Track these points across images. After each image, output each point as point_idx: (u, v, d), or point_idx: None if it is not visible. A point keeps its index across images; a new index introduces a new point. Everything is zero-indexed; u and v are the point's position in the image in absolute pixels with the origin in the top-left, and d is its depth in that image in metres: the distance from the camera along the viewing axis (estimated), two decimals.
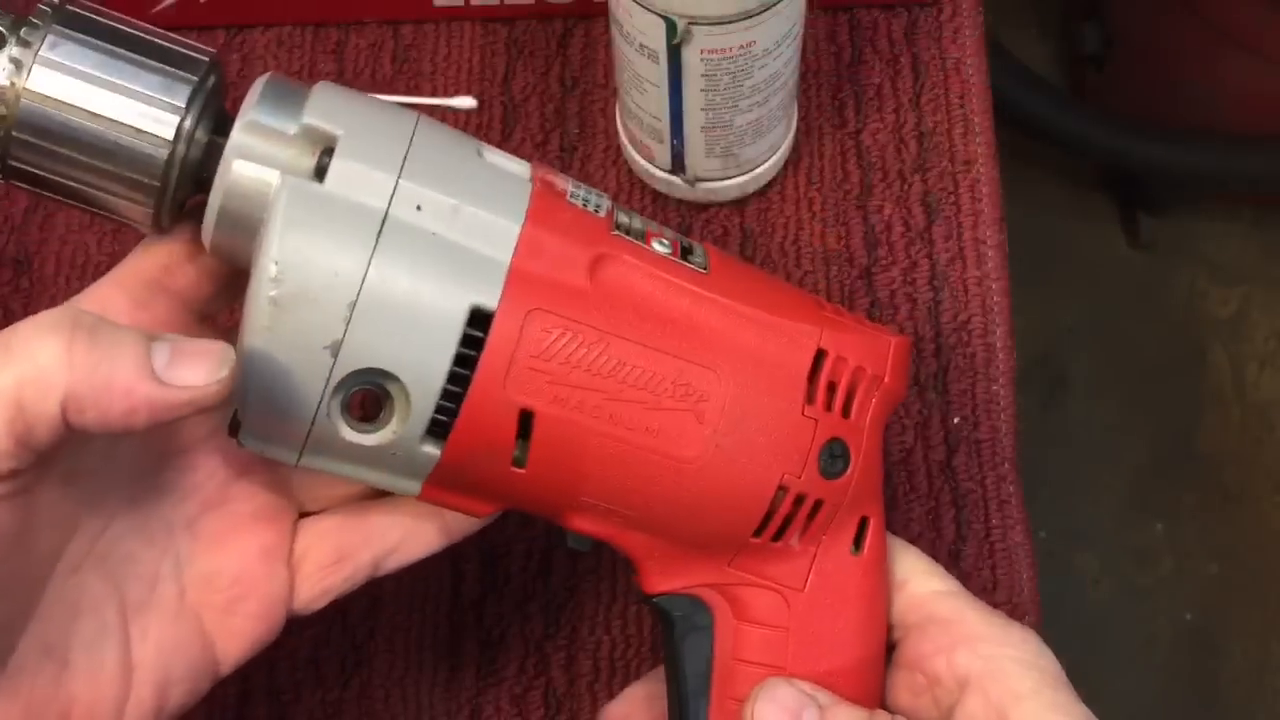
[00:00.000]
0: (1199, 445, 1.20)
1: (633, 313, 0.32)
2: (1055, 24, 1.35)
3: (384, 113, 0.32)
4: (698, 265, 0.34)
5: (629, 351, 0.32)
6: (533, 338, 0.31)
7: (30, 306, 0.49)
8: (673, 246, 0.34)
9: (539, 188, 0.33)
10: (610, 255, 0.32)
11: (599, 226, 0.33)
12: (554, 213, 0.32)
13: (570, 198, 0.33)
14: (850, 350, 0.34)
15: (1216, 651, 1.13)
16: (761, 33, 0.42)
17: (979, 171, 0.50)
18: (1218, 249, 1.28)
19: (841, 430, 0.34)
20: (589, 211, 0.33)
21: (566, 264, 0.32)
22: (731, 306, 0.33)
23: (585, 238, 0.32)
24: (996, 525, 0.45)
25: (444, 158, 0.32)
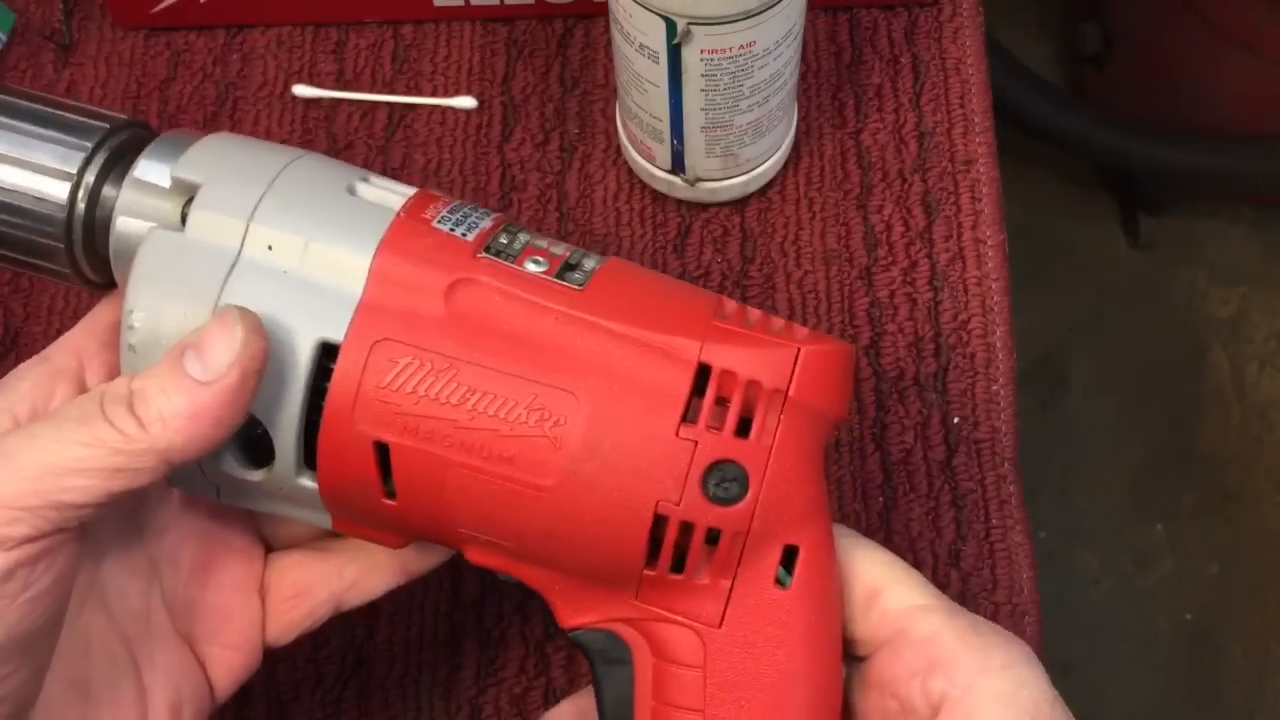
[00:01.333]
0: (1199, 445, 1.20)
1: (488, 337, 0.31)
2: (1055, 24, 1.35)
3: (257, 159, 0.33)
4: (574, 283, 0.32)
5: (480, 378, 0.30)
6: (378, 369, 0.30)
7: (30, 306, 0.49)
8: (550, 264, 0.32)
9: (402, 216, 0.32)
10: (468, 279, 0.31)
11: (462, 250, 0.32)
12: (411, 240, 0.32)
13: (438, 222, 0.32)
14: (741, 363, 0.31)
15: (1217, 651, 1.13)
16: (761, 33, 0.42)
17: (979, 171, 0.50)
18: (1218, 249, 1.28)
19: (733, 452, 0.30)
20: (454, 235, 0.32)
21: (419, 291, 0.31)
22: (600, 324, 0.31)
23: (443, 262, 0.31)
24: (996, 525, 0.45)
25: (304, 197, 0.32)
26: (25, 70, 0.53)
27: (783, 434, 0.31)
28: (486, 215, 0.34)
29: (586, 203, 0.50)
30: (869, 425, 0.46)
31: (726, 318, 0.32)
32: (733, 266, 0.49)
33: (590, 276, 0.32)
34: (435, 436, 0.30)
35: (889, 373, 0.47)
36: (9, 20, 0.54)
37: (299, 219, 0.31)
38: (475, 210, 0.34)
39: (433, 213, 0.33)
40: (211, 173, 0.32)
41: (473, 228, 0.33)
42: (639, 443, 0.30)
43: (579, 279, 0.32)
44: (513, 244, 0.33)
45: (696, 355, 0.31)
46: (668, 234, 0.50)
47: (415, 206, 0.33)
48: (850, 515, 0.45)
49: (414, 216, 0.32)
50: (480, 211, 0.34)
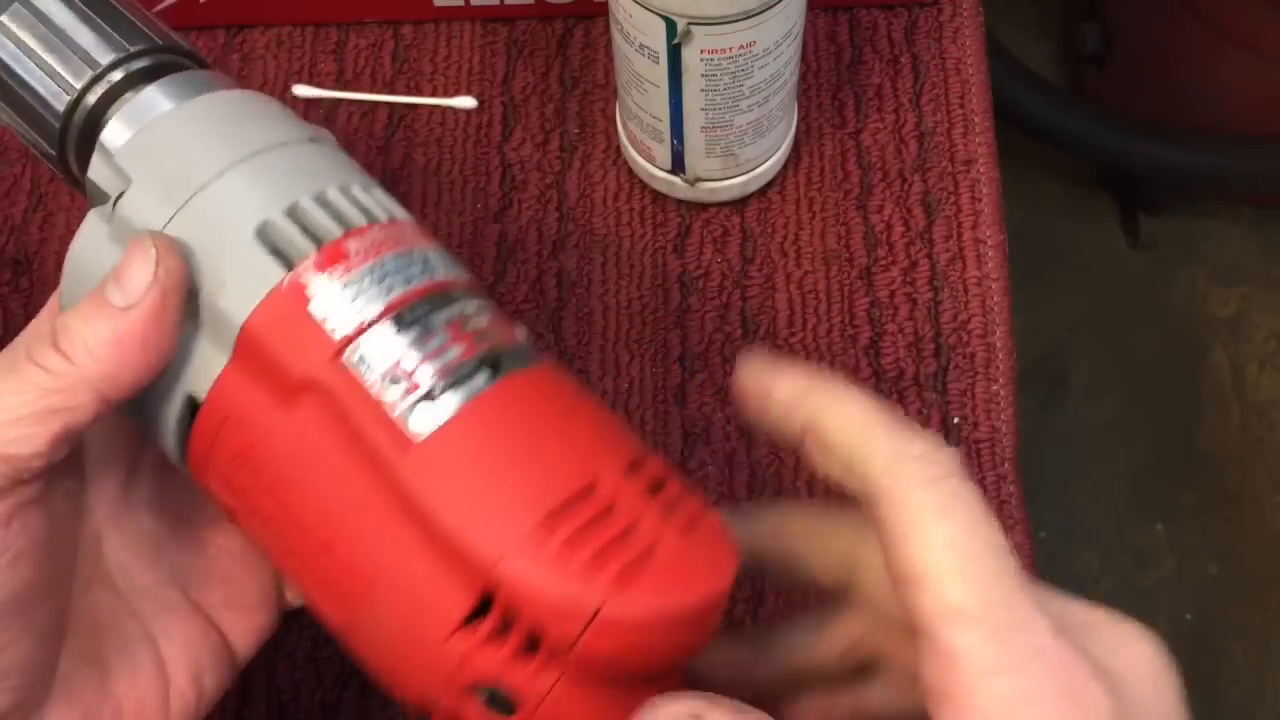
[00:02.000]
0: (1199, 445, 1.20)
1: (303, 465, 0.28)
2: (1055, 24, 1.35)
3: (197, 158, 0.30)
4: (416, 429, 0.27)
5: (290, 499, 0.29)
6: (221, 445, 0.29)
7: (29, 306, 0.49)
8: (411, 387, 0.28)
9: (280, 289, 0.29)
10: (318, 389, 0.28)
11: (326, 347, 0.28)
12: (280, 320, 0.28)
13: (318, 302, 0.28)
14: (532, 602, 0.26)
15: (1216, 651, 1.13)
16: (761, 33, 0.42)
17: (979, 171, 0.50)
18: (1218, 249, 1.28)
19: (501, 679, 0.26)
20: (324, 327, 0.28)
21: (272, 379, 0.28)
22: (412, 503, 0.27)
23: (301, 356, 0.28)
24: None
25: (219, 223, 0.30)
26: None
27: (570, 681, 0.26)
28: (388, 293, 0.29)
29: (586, 203, 0.50)
30: None
31: (557, 529, 0.26)
32: (733, 266, 0.49)
33: (445, 420, 0.27)
34: (255, 518, 0.30)
35: (889, 373, 0.47)
36: None
37: (197, 259, 0.29)
38: (386, 279, 0.29)
39: (320, 285, 0.28)
40: (143, 169, 0.30)
41: (352, 317, 0.28)
42: (406, 641, 0.27)
43: (425, 422, 0.27)
44: (389, 347, 0.28)
45: (487, 578, 0.26)
46: (668, 234, 0.50)
47: (303, 273, 0.29)
48: None
49: (295, 286, 0.28)
50: (389, 283, 0.29)
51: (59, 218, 0.51)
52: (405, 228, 0.31)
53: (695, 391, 0.47)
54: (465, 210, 0.50)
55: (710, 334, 0.48)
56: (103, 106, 0.32)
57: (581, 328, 0.48)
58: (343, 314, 0.28)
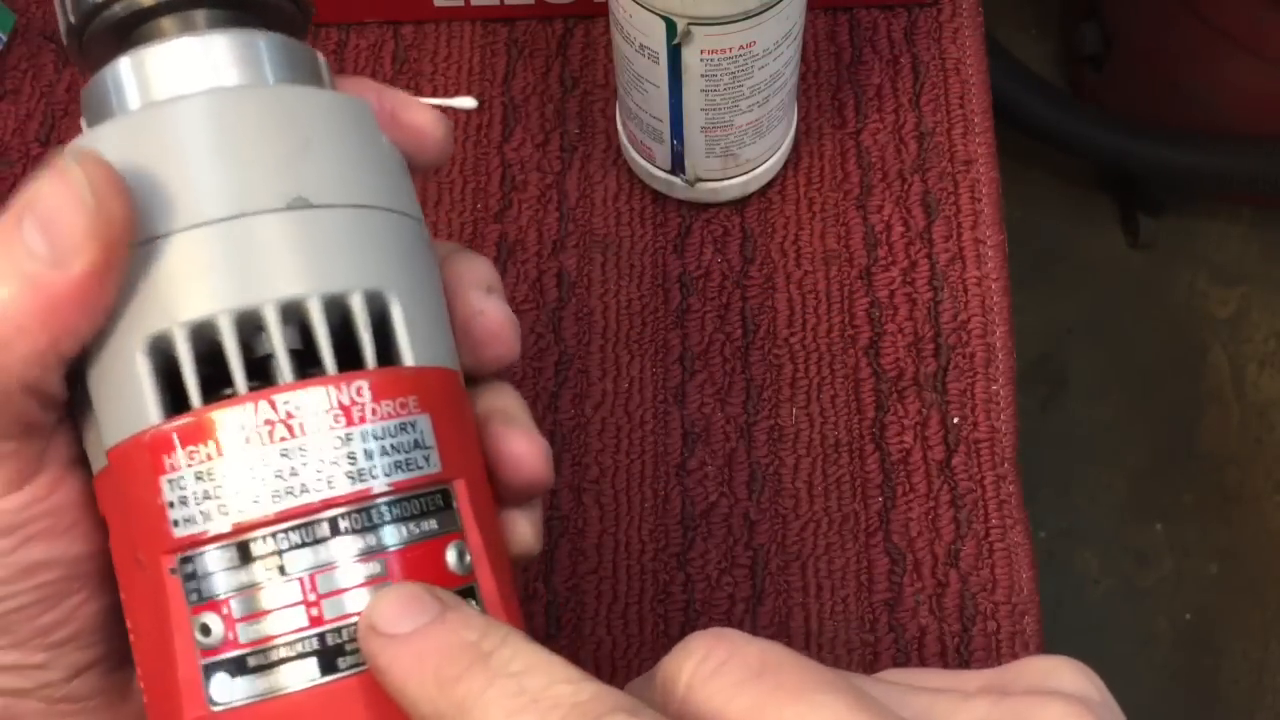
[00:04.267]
0: (1199, 445, 1.20)
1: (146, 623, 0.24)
2: (1054, 24, 1.35)
3: (171, 190, 0.23)
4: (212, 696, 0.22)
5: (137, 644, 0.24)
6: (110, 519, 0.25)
7: None
8: (219, 645, 0.22)
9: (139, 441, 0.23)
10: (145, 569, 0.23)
11: (158, 533, 0.22)
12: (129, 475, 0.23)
13: (168, 476, 0.22)
14: None
15: (1216, 651, 1.13)
16: (761, 33, 0.42)
17: (979, 172, 0.50)
18: (1217, 249, 1.28)
19: None
20: (163, 507, 0.22)
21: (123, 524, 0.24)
22: None
23: (138, 535, 0.23)
24: (996, 525, 0.45)
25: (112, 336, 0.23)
26: (26, 70, 0.53)
27: None
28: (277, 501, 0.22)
29: (586, 203, 0.50)
30: (868, 425, 0.46)
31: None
32: (733, 266, 0.49)
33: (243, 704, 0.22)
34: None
35: (888, 373, 0.47)
36: (9, 20, 0.54)
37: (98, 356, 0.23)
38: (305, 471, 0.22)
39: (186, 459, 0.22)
40: (128, 151, 0.23)
41: (197, 520, 0.22)
42: None
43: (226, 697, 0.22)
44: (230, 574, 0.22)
45: None
46: (668, 234, 0.50)
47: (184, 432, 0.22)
48: (849, 515, 0.45)
49: (160, 446, 0.22)
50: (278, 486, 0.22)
51: None
52: (387, 384, 0.23)
53: (695, 391, 0.47)
54: (465, 210, 0.50)
55: (710, 334, 0.48)
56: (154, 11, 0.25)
57: (581, 328, 0.48)
58: (190, 509, 0.22)
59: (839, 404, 0.47)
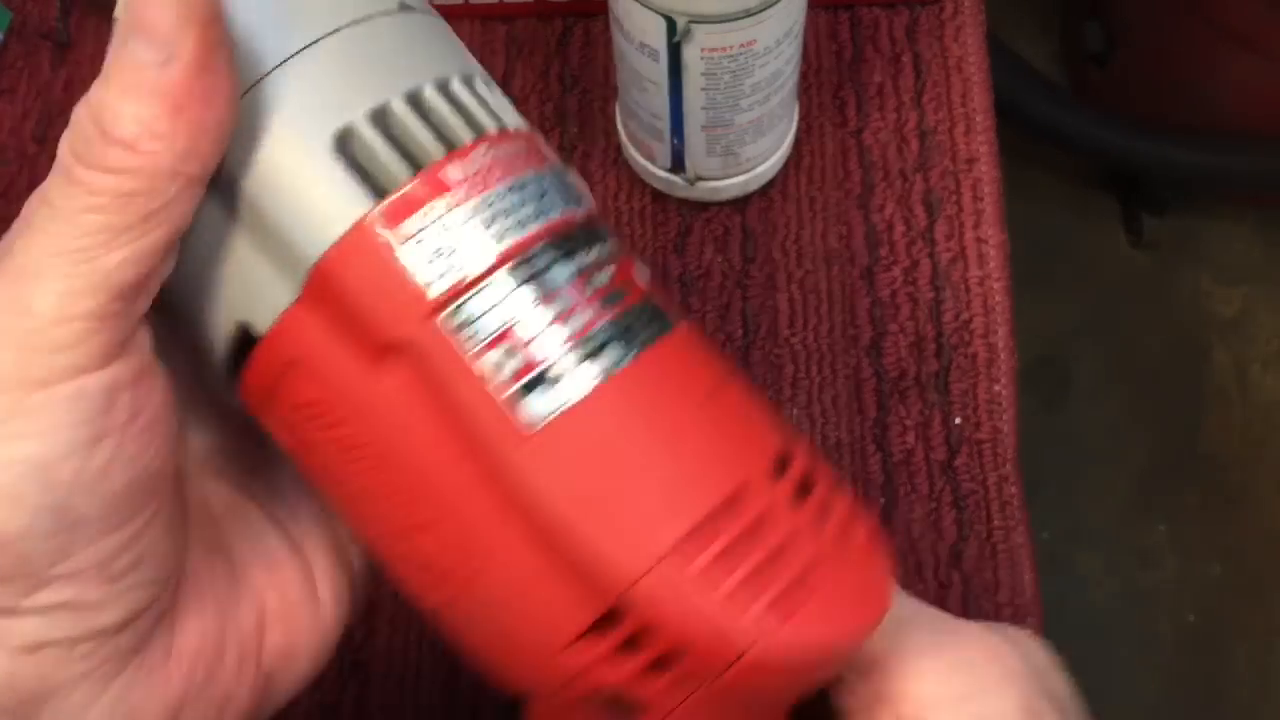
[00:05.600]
0: (1202, 446, 1.20)
1: (392, 438, 0.24)
2: (1057, 22, 1.35)
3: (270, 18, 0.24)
4: (528, 418, 0.23)
5: (373, 473, 0.24)
6: (286, 389, 0.24)
7: None
8: (524, 365, 0.23)
9: (363, 225, 0.23)
10: (409, 354, 0.23)
11: (419, 305, 0.23)
12: (364, 264, 0.23)
13: (412, 246, 0.23)
14: (670, 627, 0.23)
15: (1219, 653, 1.12)
16: (762, 31, 0.42)
17: (981, 170, 0.50)
18: (1221, 249, 1.27)
19: (628, 692, 0.24)
20: (416, 280, 0.23)
21: (353, 331, 0.24)
22: (527, 503, 0.23)
23: (390, 312, 0.23)
24: (998, 526, 0.45)
25: (288, 124, 0.24)
26: (22, 69, 0.53)
27: (692, 704, 0.24)
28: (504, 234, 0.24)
29: None
30: (869, 426, 0.46)
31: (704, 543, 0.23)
32: (733, 266, 0.49)
33: (568, 408, 0.23)
34: (326, 480, 0.25)
35: (890, 373, 0.47)
36: (6, 19, 0.54)
37: (262, 168, 0.24)
38: (500, 219, 0.24)
39: (416, 224, 0.23)
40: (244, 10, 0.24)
41: (456, 269, 0.23)
42: (513, 646, 0.24)
43: (542, 407, 0.23)
44: (499, 311, 0.23)
45: (616, 595, 0.23)
46: (668, 233, 0.49)
47: (397, 208, 0.23)
48: None
49: (393, 225, 0.23)
50: (504, 225, 0.24)
51: None
52: (519, 143, 0.25)
53: None
54: None
55: (711, 334, 0.48)
56: None
57: None
58: (441, 264, 0.23)
59: (840, 404, 0.46)
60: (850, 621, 0.24)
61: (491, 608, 0.24)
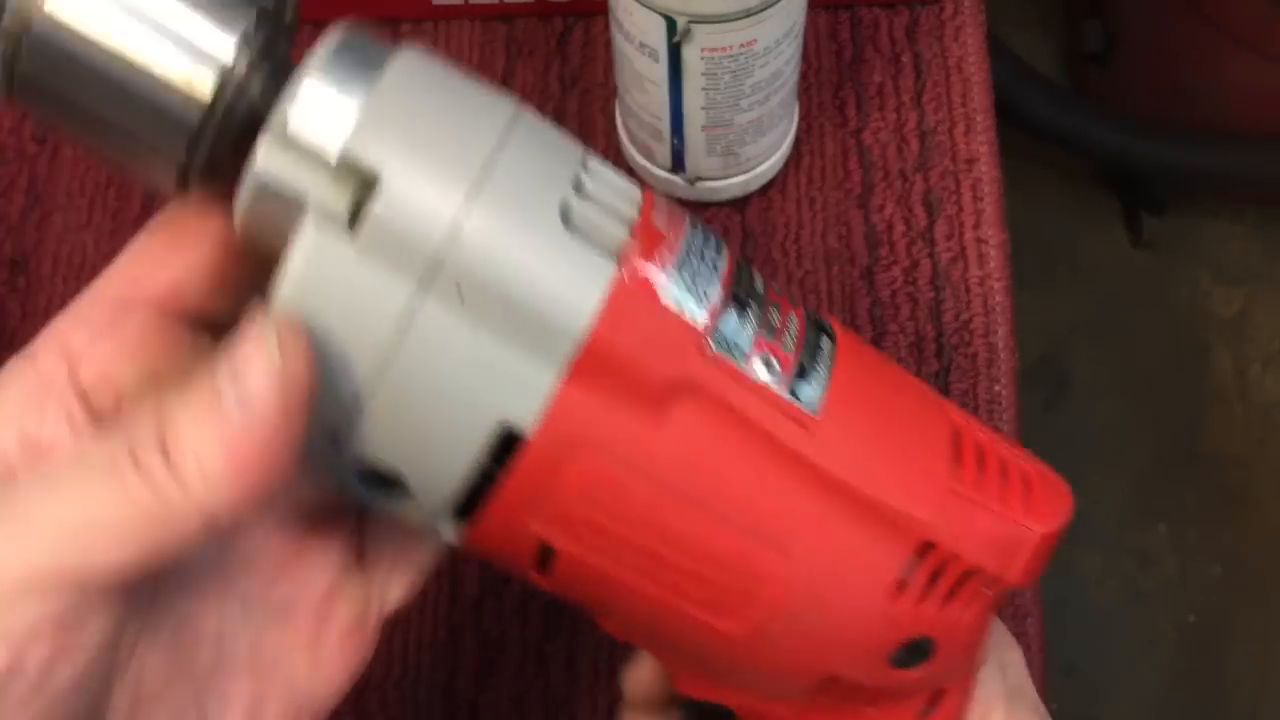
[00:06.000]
0: (1202, 446, 1.20)
1: (700, 467, 0.26)
2: (1057, 22, 1.35)
3: (459, 127, 0.25)
4: (806, 404, 0.26)
5: (683, 513, 0.26)
6: (566, 475, 0.25)
7: (27, 305, 0.49)
8: (782, 366, 0.26)
9: (624, 279, 0.25)
10: (690, 385, 0.25)
11: (690, 340, 0.25)
12: (632, 320, 0.25)
13: (666, 291, 0.25)
14: (970, 546, 0.27)
15: (1219, 653, 1.12)
16: (762, 31, 0.42)
17: (981, 170, 0.50)
18: (1221, 249, 1.27)
19: (931, 626, 0.27)
20: (682, 315, 0.25)
21: (630, 389, 0.25)
22: (829, 479, 0.26)
23: (666, 357, 0.25)
24: None
25: (518, 214, 0.24)
26: None
27: (981, 611, 0.28)
28: (716, 264, 0.27)
29: None
30: None
31: (962, 477, 0.27)
32: None
33: (824, 392, 0.27)
34: (613, 556, 0.26)
35: None
36: None
37: (502, 261, 0.24)
38: (706, 247, 0.27)
39: (660, 272, 0.25)
40: (398, 155, 0.24)
41: (703, 297, 0.26)
42: (843, 617, 0.27)
43: (812, 397, 0.26)
44: (744, 327, 0.26)
45: (924, 533, 0.27)
46: None
47: (641, 261, 0.25)
48: None
49: (638, 279, 0.25)
50: (711, 251, 0.27)
51: (55, 217, 0.50)
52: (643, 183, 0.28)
53: None
54: None
55: None
56: (267, 86, 0.25)
57: None
58: (694, 296, 0.26)
59: None
60: (1067, 508, 0.29)
61: (814, 588, 0.26)
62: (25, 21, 0.24)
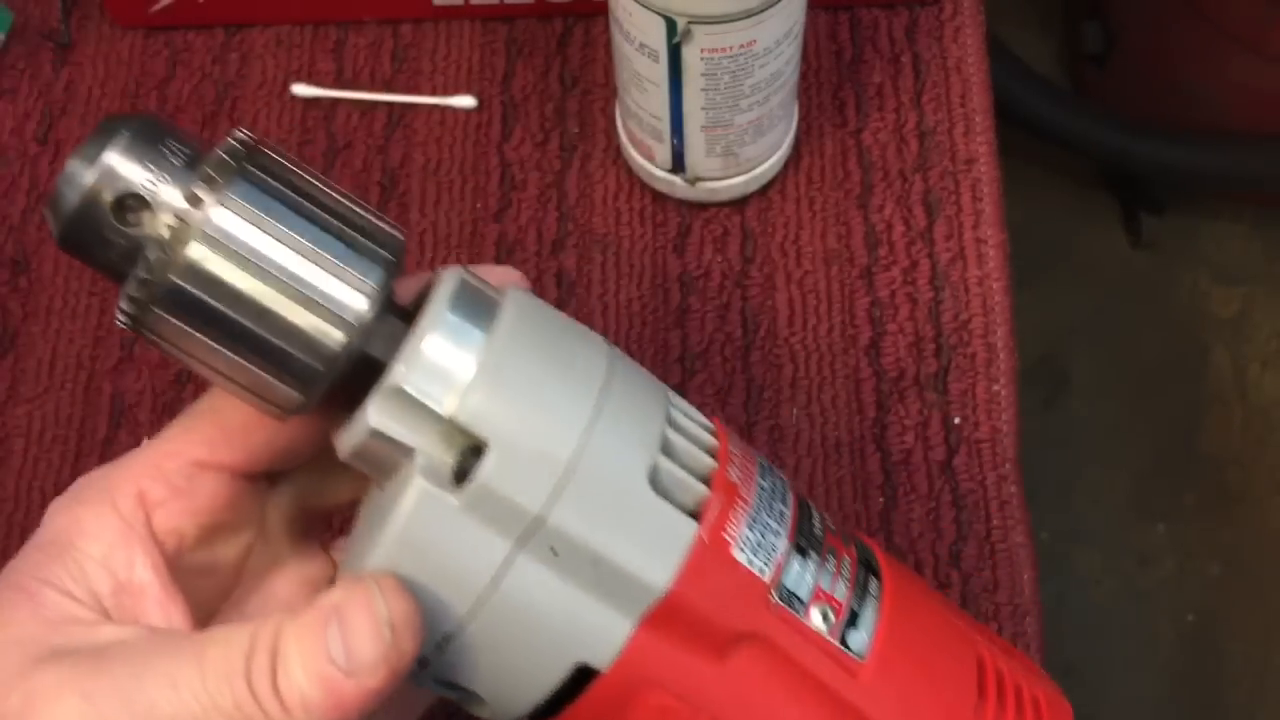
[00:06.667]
0: (1201, 446, 1.20)
1: (754, 708, 0.28)
2: (1057, 23, 1.35)
3: (559, 399, 0.26)
4: (855, 651, 0.29)
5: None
6: (634, 708, 0.27)
7: (28, 305, 0.49)
8: (835, 614, 0.29)
9: (702, 539, 0.27)
10: (754, 635, 0.28)
11: (756, 594, 0.28)
12: (708, 576, 0.27)
13: (739, 546, 0.27)
14: None
15: (1218, 652, 1.12)
16: (762, 31, 0.42)
17: (980, 171, 0.50)
18: (1220, 249, 1.27)
19: None
20: (752, 570, 0.27)
21: (701, 638, 0.27)
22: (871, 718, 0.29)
23: (735, 609, 0.27)
24: (997, 526, 0.45)
25: (610, 482, 0.26)
26: (24, 70, 0.53)
27: None
28: (783, 514, 0.29)
29: (586, 202, 0.50)
30: (869, 425, 0.46)
31: (985, 711, 0.30)
32: (733, 266, 0.49)
33: (871, 638, 0.29)
34: None
35: (889, 373, 0.47)
36: (7, 20, 0.54)
37: (595, 524, 0.26)
38: (774, 497, 0.29)
39: (735, 528, 0.27)
40: (507, 426, 0.26)
41: (770, 553, 0.28)
42: None
43: (860, 644, 0.29)
44: (804, 576, 0.28)
45: None
46: (668, 234, 0.49)
47: (718, 519, 0.27)
48: (850, 516, 0.45)
49: (715, 537, 0.27)
50: (778, 501, 0.29)
51: None
52: (716, 421, 0.30)
53: (695, 392, 0.47)
54: (465, 210, 0.50)
55: (710, 334, 0.48)
56: (381, 330, 0.26)
57: None
58: (762, 553, 0.28)
59: (840, 404, 0.46)
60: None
61: None
62: (166, 268, 0.25)
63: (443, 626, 0.26)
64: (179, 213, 0.25)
